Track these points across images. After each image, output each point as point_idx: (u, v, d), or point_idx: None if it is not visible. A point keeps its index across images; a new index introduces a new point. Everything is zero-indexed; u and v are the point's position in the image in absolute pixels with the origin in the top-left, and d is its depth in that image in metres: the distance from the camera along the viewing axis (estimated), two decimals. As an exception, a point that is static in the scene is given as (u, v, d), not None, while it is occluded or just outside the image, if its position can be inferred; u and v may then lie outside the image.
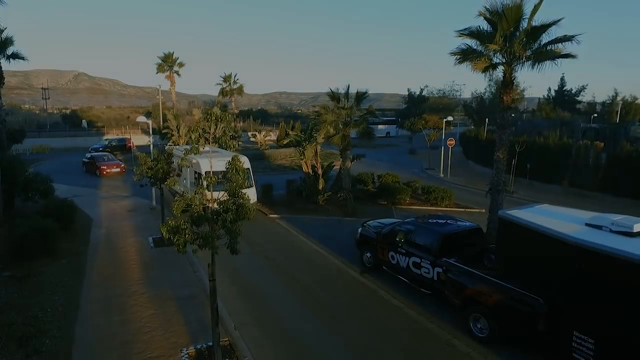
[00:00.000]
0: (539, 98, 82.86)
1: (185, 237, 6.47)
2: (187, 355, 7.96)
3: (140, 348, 8.20)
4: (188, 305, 9.97)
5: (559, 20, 11.60)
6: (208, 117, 15.21)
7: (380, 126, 67.26)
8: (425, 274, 10.34)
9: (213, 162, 13.47)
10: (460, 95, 72.66)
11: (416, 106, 62.76)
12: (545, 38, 11.93)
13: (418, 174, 31.14)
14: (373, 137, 19.52)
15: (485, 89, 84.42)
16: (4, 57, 22.51)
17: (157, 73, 45.78)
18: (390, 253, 11.44)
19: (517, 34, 11.75)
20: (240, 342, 8.57)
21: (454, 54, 12.95)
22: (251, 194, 15.85)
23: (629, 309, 6.13)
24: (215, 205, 6.86)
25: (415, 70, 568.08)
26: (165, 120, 36.95)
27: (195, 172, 17.55)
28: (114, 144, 40.28)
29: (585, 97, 78.42)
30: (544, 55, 11.42)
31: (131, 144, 39.55)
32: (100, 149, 37.12)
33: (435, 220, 11.31)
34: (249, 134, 51.09)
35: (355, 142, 60.12)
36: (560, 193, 23.76)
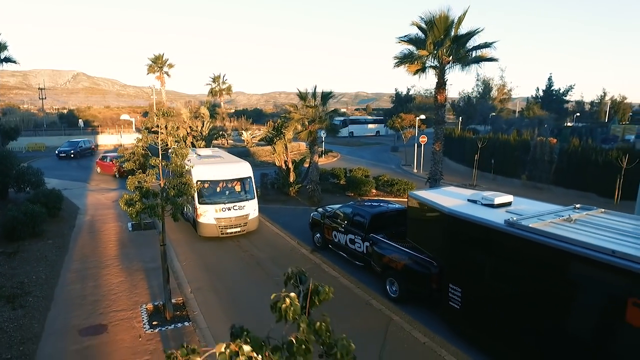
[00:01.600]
0: (528, 98, 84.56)
1: (137, 207, 8.14)
2: (145, 310, 9.65)
3: (108, 305, 9.89)
4: (153, 275, 11.64)
5: (480, 30, 13.38)
6: (195, 115, 16.61)
7: (370, 125, 68.99)
8: (358, 248, 12.05)
9: (210, 169, 13.26)
10: (447, 94, 74.51)
11: (403, 106, 64.43)
12: (471, 44, 13.61)
13: (395, 169, 32.84)
14: (338, 132, 21.17)
15: (472, 89, 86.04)
16: None
17: (147, 74, 47.47)
18: (334, 232, 13.15)
19: (445, 41, 13.42)
20: (192, 302, 10.27)
21: (396, 57, 14.64)
22: (251, 207, 15.01)
23: (485, 263, 7.81)
24: (161, 184, 8.50)
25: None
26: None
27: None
28: (83, 146, 38.42)
29: (574, 97, 79.73)
30: (464, 59, 13.10)
31: (94, 147, 40.38)
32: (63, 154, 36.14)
33: (369, 203, 13.04)
34: (240, 132, 52.75)
35: (343, 140, 61.25)
36: (520, 186, 25.42)
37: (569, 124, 64.02)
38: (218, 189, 14.91)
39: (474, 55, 13.53)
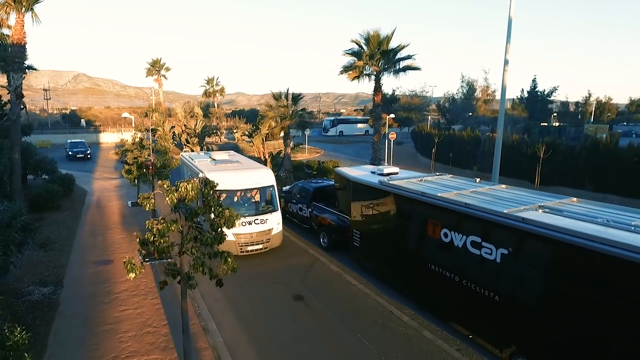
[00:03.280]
0: (513, 99, 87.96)
1: (134, 174, 11.79)
2: (140, 252, 13.27)
3: (113, 250, 13.56)
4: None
5: (406, 45, 17.04)
6: (190, 114, 19.55)
7: (359, 125, 72.71)
8: (305, 214, 15.70)
9: (227, 176, 12.58)
10: (431, 95, 78.06)
11: (388, 106, 68.05)
12: (399, 56, 17.29)
13: (368, 163, 36.56)
14: (308, 128, 24.75)
15: (457, 90, 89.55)
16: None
17: (146, 77, 51.15)
18: (289, 204, 16.80)
19: (376, 54, 17.11)
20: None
21: (343, 67, 18.32)
22: (274, 221, 13.28)
23: (369, 211, 11.42)
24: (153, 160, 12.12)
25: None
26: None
27: None
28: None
29: (558, 97, 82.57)
30: (392, 68, 16.77)
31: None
32: None
33: (315, 181, 16.71)
34: (232, 131, 56.48)
35: (332, 139, 64.65)
36: (471, 176, 29.01)
37: (556, 124, 67.72)
38: (235, 198, 13.09)
39: (402, 65, 17.18)
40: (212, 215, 5.91)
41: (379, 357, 8.11)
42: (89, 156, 37.21)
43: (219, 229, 5.89)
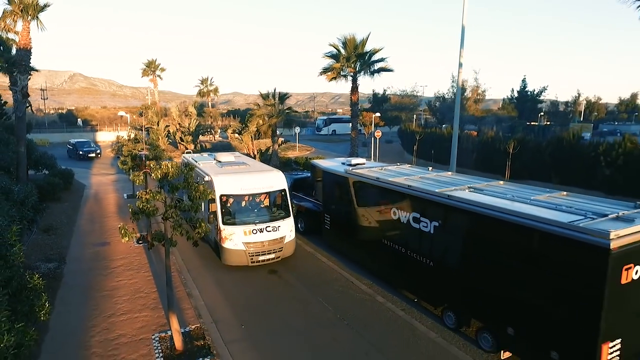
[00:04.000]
0: (504, 98, 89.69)
1: (129, 165, 13.25)
2: (135, 237, 14.71)
3: (109, 234, 15.02)
4: (143, 222, 16.71)
5: (380, 49, 18.55)
6: (184, 113, 20.85)
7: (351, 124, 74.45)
8: (285, 203, 17.18)
9: (236, 180, 12.07)
10: (422, 94, 79.83)
11: (379, 105, 69.69)
12: (373, 59, 18.81)
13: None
14: (293, 126, 26.25)
15: (448, 89, 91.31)
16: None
17: (142, 77, 52.50)
18: (272, 195, 18.26)
19: (352, 57, 18.64)
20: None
21: (322, 68, 19.84)
22: (287, 228, 12.39)
23: (337, 196, 12.92)
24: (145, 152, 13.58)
25: (409, 73, 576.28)
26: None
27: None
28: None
29: (548, 97, 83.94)
30: (366, 70, 18.30)
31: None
32: None
33: (295, 173, 18.21)
34: (225, 129, 57.93)
35: (325, 137, 66.15)
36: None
37: (547, 122, 69.53)
38: (244, 204, 12.43)
39: (376, 67, 18.72)
40: (191, 190, 7.40)
41: (335, 316, 9.63)
42: (99, 155, 37.52)
43: (195, 200, 7.43)
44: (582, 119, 77.97)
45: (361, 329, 9.01)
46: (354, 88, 19.42)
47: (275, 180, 12.91)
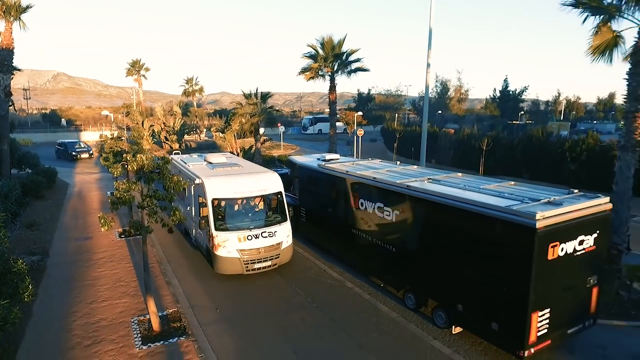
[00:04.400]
0: (486, 98, 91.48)
1: (111, 161, 13.72)
2: (117, 232, 15.20)
3: (92, 230, 15.44)
4: (125, 219, 17.18)
5: (356, 50, 19.30)
6: (169, 113, 21.10)
7: (338, 123, 75.03)
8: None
9: (229, 182, 11.57)
10: (407, 94, 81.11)
11: (364, 105, 70.60)
12: (349, 59, 19.53)
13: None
14: (276, 125, 26.82)
15: (432, 89, 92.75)
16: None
17: (126, 76, 52.46)
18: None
19: (329, 57, 19.33)
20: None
21: (302, 68, 20.48)
22: (283, 233, 11.68)
23: (312, 190, 13.59)
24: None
25: (404, 71, 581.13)
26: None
27: (200, 198, 11.82)
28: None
29: (529, 96, 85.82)
30: (343, 69, 19.01)
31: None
32: None
33: (276, 169, 18.80)
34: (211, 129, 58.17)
35: (310, 137, 66.74)
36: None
37: (529, 121, 71.35)
38: (237, 208, 11.76)
39: (353, 67, 19.45)
40: (165, 180, 7.99)
41: (305, 300, 10.30)
42: (92, 155, 36.95)
43: (169, 190, 8.03)
44: (562, 118, 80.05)
45: (328, 311, 9.70)
46: (332, 87, 20.13)
47: (271, 182, 12.15)
